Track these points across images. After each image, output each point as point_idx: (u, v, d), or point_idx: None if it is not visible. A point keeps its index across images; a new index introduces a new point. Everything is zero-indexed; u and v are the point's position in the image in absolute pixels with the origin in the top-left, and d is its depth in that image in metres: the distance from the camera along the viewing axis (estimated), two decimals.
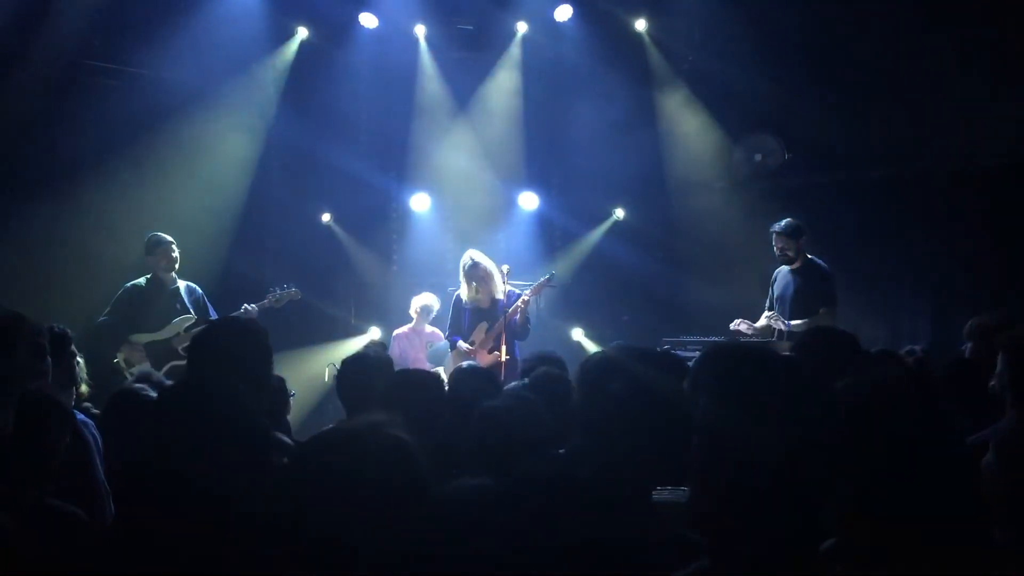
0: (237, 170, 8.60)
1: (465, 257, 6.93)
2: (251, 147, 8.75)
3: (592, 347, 8.39)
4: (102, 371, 5.44)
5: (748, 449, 1.53)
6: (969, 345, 4.45)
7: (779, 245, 6.44)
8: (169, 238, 6.62)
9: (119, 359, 6.25)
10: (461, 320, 6.97)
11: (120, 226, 7.70)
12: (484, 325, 6.81)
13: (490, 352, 6.67)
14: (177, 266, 6.64)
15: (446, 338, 7.19)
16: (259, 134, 8.80)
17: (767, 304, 6.68)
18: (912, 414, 2.01)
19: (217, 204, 8.35)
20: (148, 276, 6.59)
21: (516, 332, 6.74)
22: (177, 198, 8.05)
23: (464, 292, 6.94)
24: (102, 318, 6.42)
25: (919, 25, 7.37)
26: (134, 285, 6.54)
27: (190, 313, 6.58)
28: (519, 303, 6.72)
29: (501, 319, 6.68)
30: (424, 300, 7.99)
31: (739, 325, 6.50)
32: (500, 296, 6.82)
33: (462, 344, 6.82)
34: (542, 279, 6.94)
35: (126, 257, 7.25)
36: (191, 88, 8.14)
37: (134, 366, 5.91)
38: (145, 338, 6.39)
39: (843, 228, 7.66)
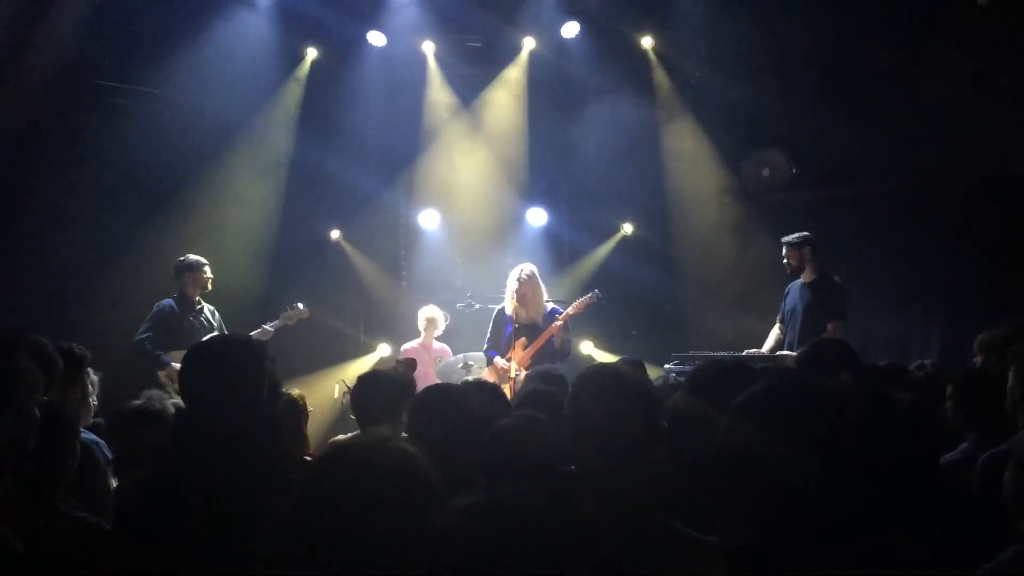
0: (256, 195, 8.67)
1: (516, 270, 6.82)
2: (270, 176, 8.82)
3: (602, 359, 8.39)
4: (146, 387, 5.51)
5: (773, 469, 1.54)
6: (979, 359, 4.44)
7: (784, 254, 6.50)
8: (202, 260, 6.83)
9: (163, 378, 6.33)
10: (501, 334, 6.85)
11: (137, 246, 7.80)
12: (523, 341, 6.69)
13: (527, 369, 6.47)
14: (209, 287, 6.81)
15: (484, 352, 7.02)
16: (278, 157, 8.87)
17: (778, 317, 6.67)
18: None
19: (232, 225, 8.43)
20: (176, 296, 6.78)
21: (555, 352, 6.62)
22: (193, 221, 8.16)
23: (508, 304, 6.83)
24: (141, 336, 6.56)
25: (926, 37, 7.39)
26: (167, 304, 6.72)
27: (218, 332, 6.77)
28: (559, 320, 6.63)
29: (539, 337, 6.61)
30: (428, 313, 7.99)
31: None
32: (539, 319, 6.74)
33: (499, 360, 6.73)
34: (586, 296, 6.84)
35: (144, 277, 7.39)
36: (203, 110, 8.22)
37: (175, 384, 5.99)
38: (181, 357, 6.45)
39: (851, 242, 7.65)
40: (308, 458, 3.28)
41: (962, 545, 2.14)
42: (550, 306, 6.85)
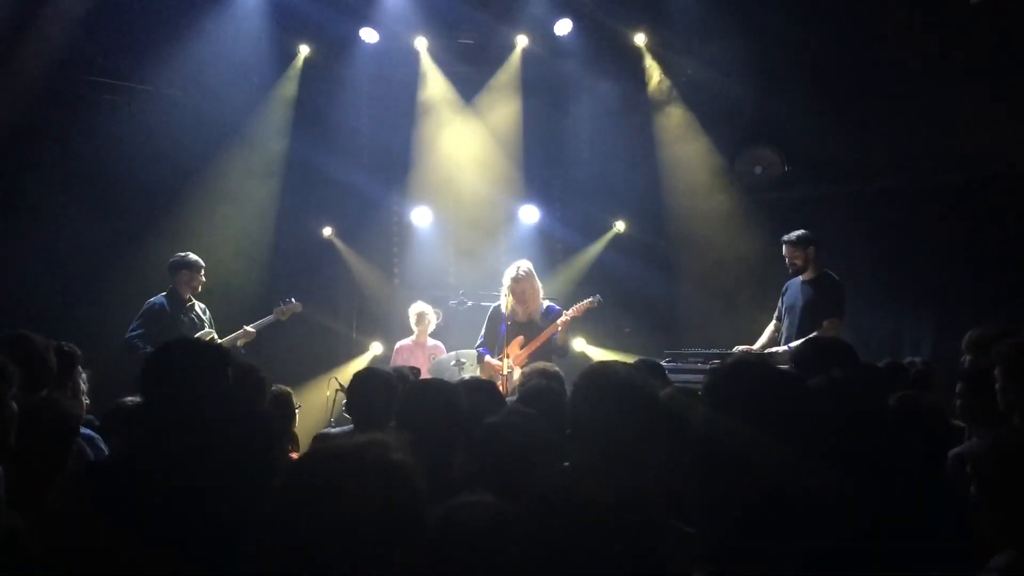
0: (249, 193, 8.66)
1: (512, 267, 6.73)
2: (263, 174, 8.80)
3: (596, 355, 8.41)
4: (135, 385, 5.52)
5: (749, 459, 1.55)
6: (967, 358, 4.45)
7: (786, 254, 6.50)
8: (200, 261, 6.82)
9: None
10: (496, 332, 6.76)
11: (129, 243, 7.79)
12: (520, 339, 6.63)
13: (523, 367, 6.29)
14: (200, 288, 6.83)
15: (476, 348, 6.97)
16: (271, 154, 8.86)
17: (775, 314, 6.69)
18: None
19: (225, 223, 8.43)
20: (167, 293, 6.76)
21: (556, 350, 6.56)
22: (185, 219, 8.17)
23: (504, 301, 6.75)
24: (131, 333, 6.55)
25: (919, 37, 7.41)
26: (157, 302, 6.71)
27: (209, 329, 6.79)
28: (560, 322, 6.58)
29: (538, 336, 6.56)
30: (417, 309, 8.00)
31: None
32: (536, 317, 6.68)
33: (491, 359, 6.67)
34: (587, 300, 6.75)
35: (137, 274, 7.41)
36: (196, 107, 8.21)
37: None
38: None
39: (843, 240, 7.66)
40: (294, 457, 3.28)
41: (952, 542, 2.14)
42: (546, 303, 6.82)
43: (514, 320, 6.72)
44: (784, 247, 6.50)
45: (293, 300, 7.28)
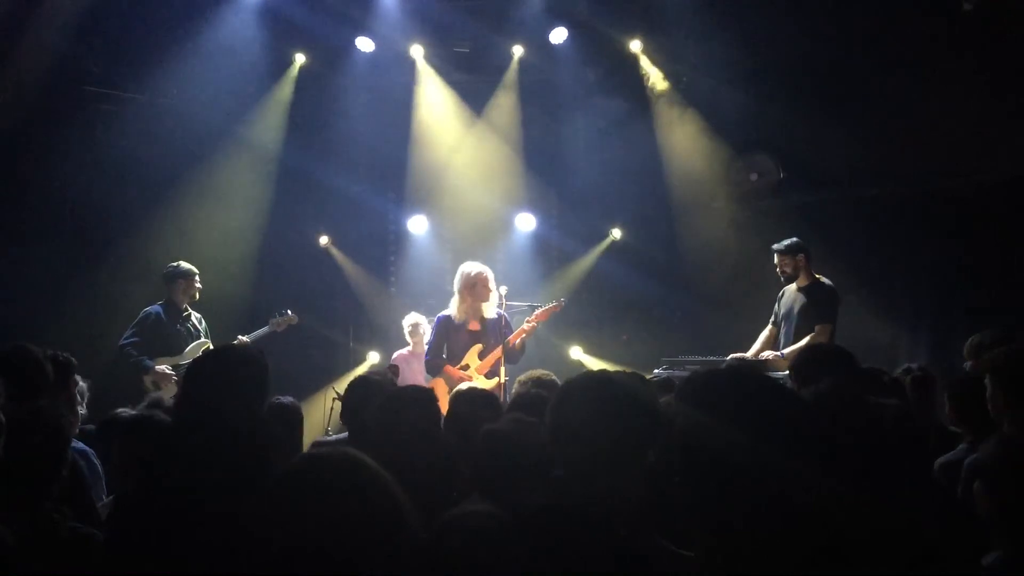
0: (245, 202, 8.67)
1: (463, 273, 6.54)
2: (259, 183, 8.80)
3: (593, 364, 8.39)
4: (129, 393, 5.51)
5: (725, 456, 1.53)
6: (969, 363, 4.45)
7: (776, 262, 6.54)
8: (194, 269, 6.83)
9: (148, 383, 6.31)
10: (447, 341, 6.51)
11: (125, 253, 7.77)
12: (479, 347, 6.46)
13: (488, 377, 6.32)
14: (198, 296, 6.83)
15: (426, 361, 6.68)
16: (266, 163, 8.86)
17: (771, 319, 6.70)
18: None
19: (221, 232, 8.43)
20: (163, 302, 6.77)
21: (511, 357, 6.41)
22: (181, 228, 8.17)
23: (456, 307, 6.54)
24: (125, 341, 6.55)
25: (913, 44, 7.43)
26: (153, 311, 6.71)
27: (204, 339, 6.79)
28: (525, 328, 6.47)
29: (498, 343, 6.35)
30: (411, 320, 8.00)
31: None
32: (490, 321, 6.47)
33: (450, 368, 6.42)
34: (550, 304, 6.67)
35: (132, 284, 7.43)
36: (192, 117, 8.21)
37: (161, 389, 6.00)
38: (166, 362, 6.48)
39: (839, 246, 7.66)
40: None
41: (932, 545, 2.14)
42: (496, 310, 6.57)
43: (467, 328, 6.51)
44: (774, 255, 6.54)
45: (289, 312, 7.32)
